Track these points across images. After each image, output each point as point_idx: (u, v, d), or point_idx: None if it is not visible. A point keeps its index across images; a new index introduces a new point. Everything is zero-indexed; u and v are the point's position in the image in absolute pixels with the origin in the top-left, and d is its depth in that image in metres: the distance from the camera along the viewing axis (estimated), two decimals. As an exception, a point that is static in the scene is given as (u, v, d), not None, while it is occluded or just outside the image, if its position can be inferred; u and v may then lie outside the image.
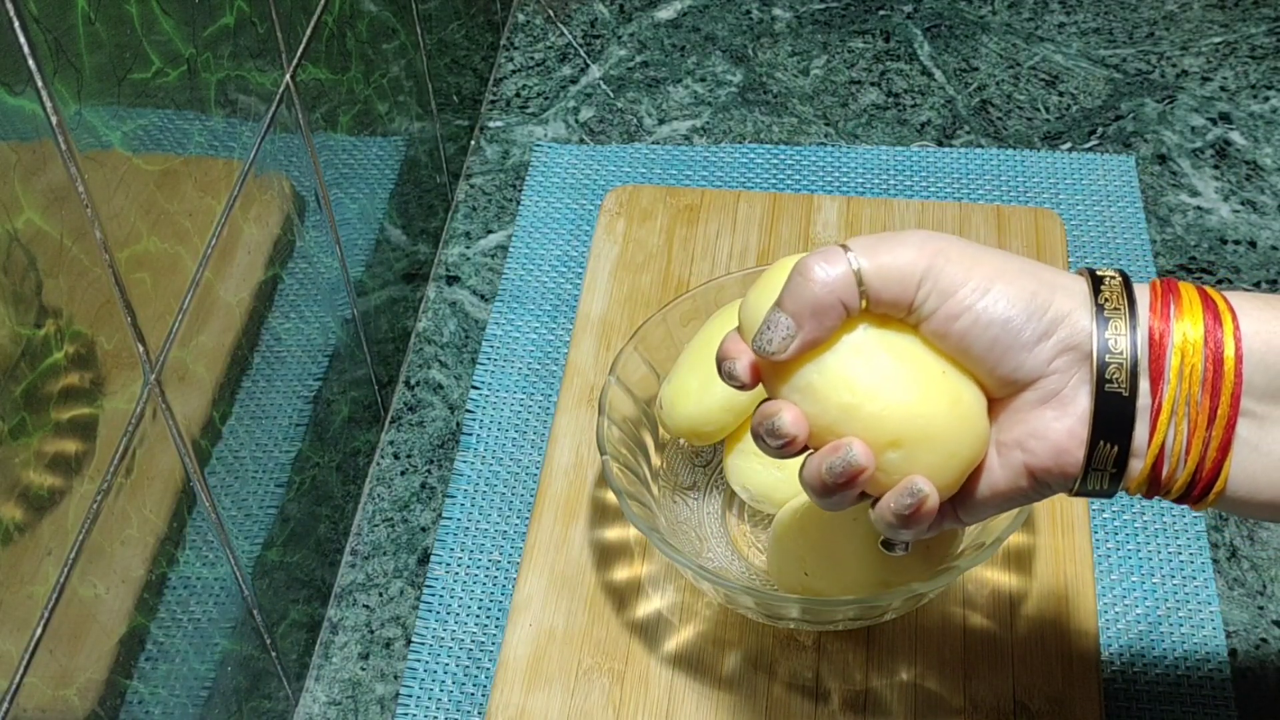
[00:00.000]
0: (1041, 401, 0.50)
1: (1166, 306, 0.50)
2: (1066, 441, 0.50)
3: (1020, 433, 0.51)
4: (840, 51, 1.05)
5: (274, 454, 0.68)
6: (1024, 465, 0.51)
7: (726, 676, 0.71)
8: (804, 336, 0.50)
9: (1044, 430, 0.50)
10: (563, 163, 0.98)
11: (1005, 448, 0.51)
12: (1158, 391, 0.49)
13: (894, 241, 0.50)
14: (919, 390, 0.50)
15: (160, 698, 0.57)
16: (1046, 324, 0.49)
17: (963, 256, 0.50)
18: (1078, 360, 0.49)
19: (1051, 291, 0.50)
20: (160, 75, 0.52)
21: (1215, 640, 0.72)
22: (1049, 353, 0.49)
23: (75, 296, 0.47)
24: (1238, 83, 1.01)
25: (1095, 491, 0.51)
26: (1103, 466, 0.50)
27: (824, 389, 0.51)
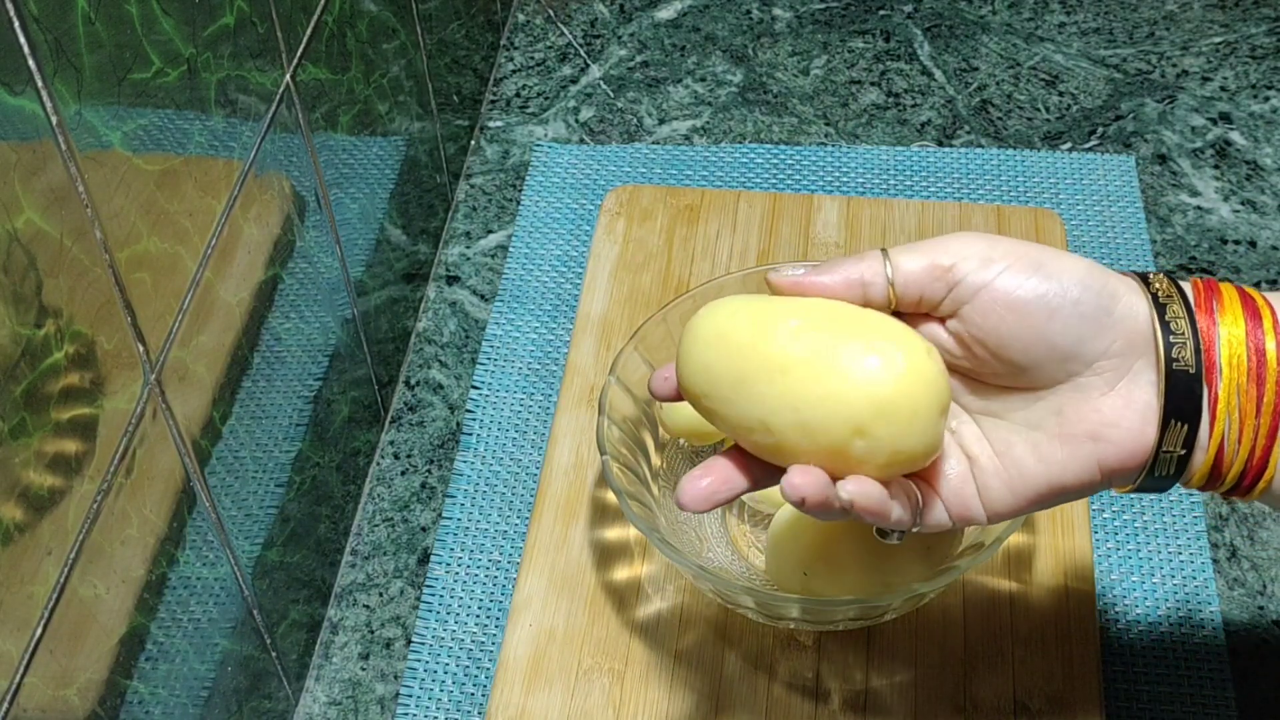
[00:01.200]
0: (1107, 389, 0.50)
1: (1210, 302, 0.50)
2: (1139, 426, 0.50)
3: (1094, 423, 0.50)
4: (840, 51, 1.05)
5: (274, 454, 0.68)
6: (1095, 458, 0.51)
7: (726, 676, 0.71)
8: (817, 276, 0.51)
9: (1116, 419, 0.50)
10: (563, 163, 0.98)
11: (1075, 440, 0.51)
12: (1213, 381, 0.49)
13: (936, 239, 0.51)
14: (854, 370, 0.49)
15: (160, 698, 0.57)
16: (1107, 298, 0.50)
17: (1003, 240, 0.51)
18: (1137, 345, 0.50)
19: (1105, 273, 0.50)
20: (160, 75, 0.52)
21: (1215, 640, 0.72)
22: (1110, 331, 0.50)
23: (75, 296, 0.47)
24: (1238, 83, 1.01)
25: (1159, 480, 0.51)
26: (1172, 449, 0.50)
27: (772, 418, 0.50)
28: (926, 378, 0.50)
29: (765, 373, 0.50)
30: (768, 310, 0.52)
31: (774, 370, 0.50)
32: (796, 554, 0.68)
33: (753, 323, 0.51)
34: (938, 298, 0.51)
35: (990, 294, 0.50)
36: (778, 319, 0.51)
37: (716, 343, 0.52)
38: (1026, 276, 0.50)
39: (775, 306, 0.52)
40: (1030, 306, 0.50)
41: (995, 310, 0.50)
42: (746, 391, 0.51)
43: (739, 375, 0.51)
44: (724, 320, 0.52)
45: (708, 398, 0.52)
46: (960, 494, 0.53)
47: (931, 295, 0.51)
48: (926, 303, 0.52)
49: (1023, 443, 0.52)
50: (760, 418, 0.50)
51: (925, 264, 0.51)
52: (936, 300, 0.51)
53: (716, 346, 0.52)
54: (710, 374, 0.52)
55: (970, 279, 0.50)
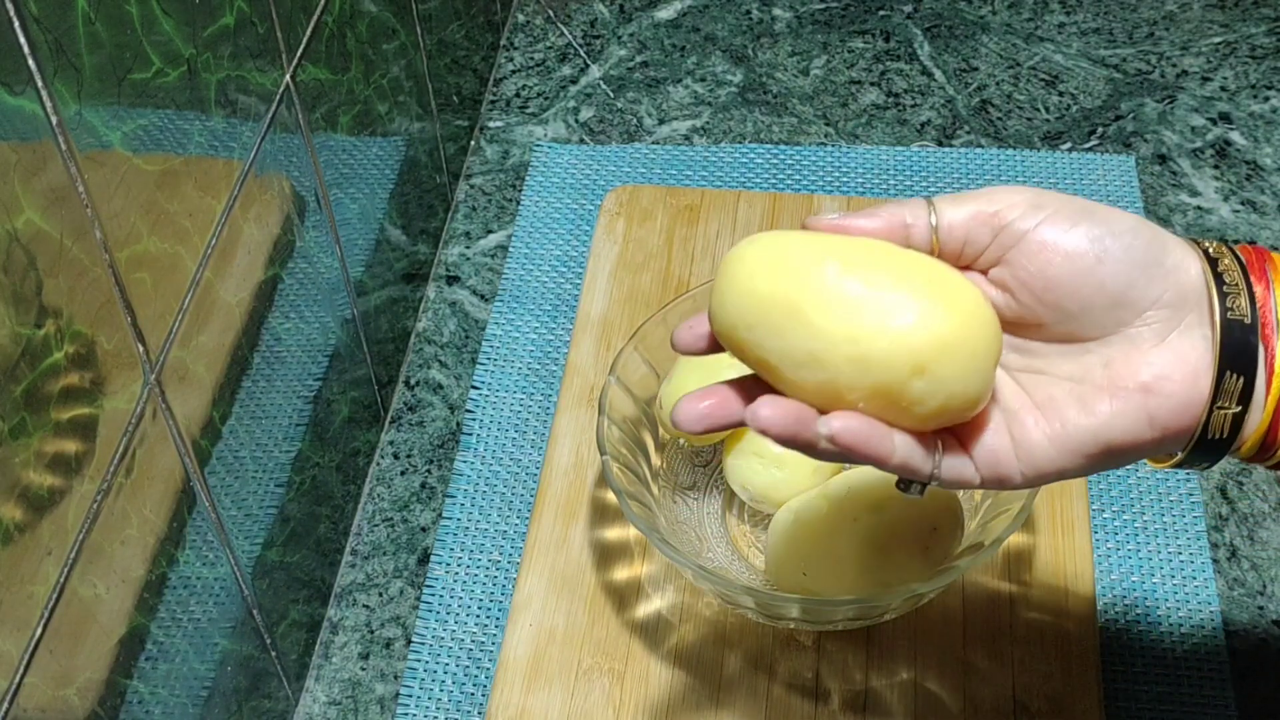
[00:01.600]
0: (1158, 341, 0.49)
1: (1263, 265, 0.49)
2: (1193, 378, 0.48)
3: (1146, 376, 0.48)
4: (840, 51, 1.05)
5: (274, 454, 0.68)
6: (1147, 412, 0.48)
7: (726, 676, 0.71)
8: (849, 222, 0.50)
9: (1169, 369, 0.48)
10: (563, 163, 0.98)
11: (1125, 392, 0.49)
12: (1269, 340, 0.48)
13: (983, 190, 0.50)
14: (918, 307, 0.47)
15: (160, 698, 0.57)
16: (1159, 250, 0.48)
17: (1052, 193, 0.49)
18: (1190, 298, 0.48)
19: (1156, 227, 0.49)
20: (160, 75, 0.52)
21: (1215, 640, 0.72)
22: (1160, 280, 0.48)
23: (75, 296, 0.47)
24: (1238, 83, 1.01)
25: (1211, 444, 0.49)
26: (1227, 405, 0.48)
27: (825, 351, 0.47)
28: (985, 319, 0.48)
29: (822, 303, 0.47)
30: (820, 244, 0.49)
31: (831, 302, 0.47)
32: (795, 555, 0.68)
33: (807, 253, 0.48)
34: (983, 244, 0.50)
35: (1038, 236, 0.48)
36: (832, 253, 0.48)
37: (768, 270, 0.48)
38: (1075, 222, 0.48)
39: (827, 241, 0.49)
40: (1080, 249, 0.48)
41: (1043, 254, 0.48)
42: (801, 321, 0.47)
43: (792, 304, 0.47)
44: (775, 248, 0.49)
45: (752, 329, 0.48)
46: (991, 449, 0.50)
47: (976, 241, 0.50)
48: (970, 249, 0.50)
49: (1066, 395, 0.49)
50: (811, 350, 0.47)
51: (971, 210, 0.50)
52: (981, 247, 0.50)
53: (768, 274, 0.48)
54: (758, 301, 0.48)
55: (1017, 224, 0.49)
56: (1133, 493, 0.78)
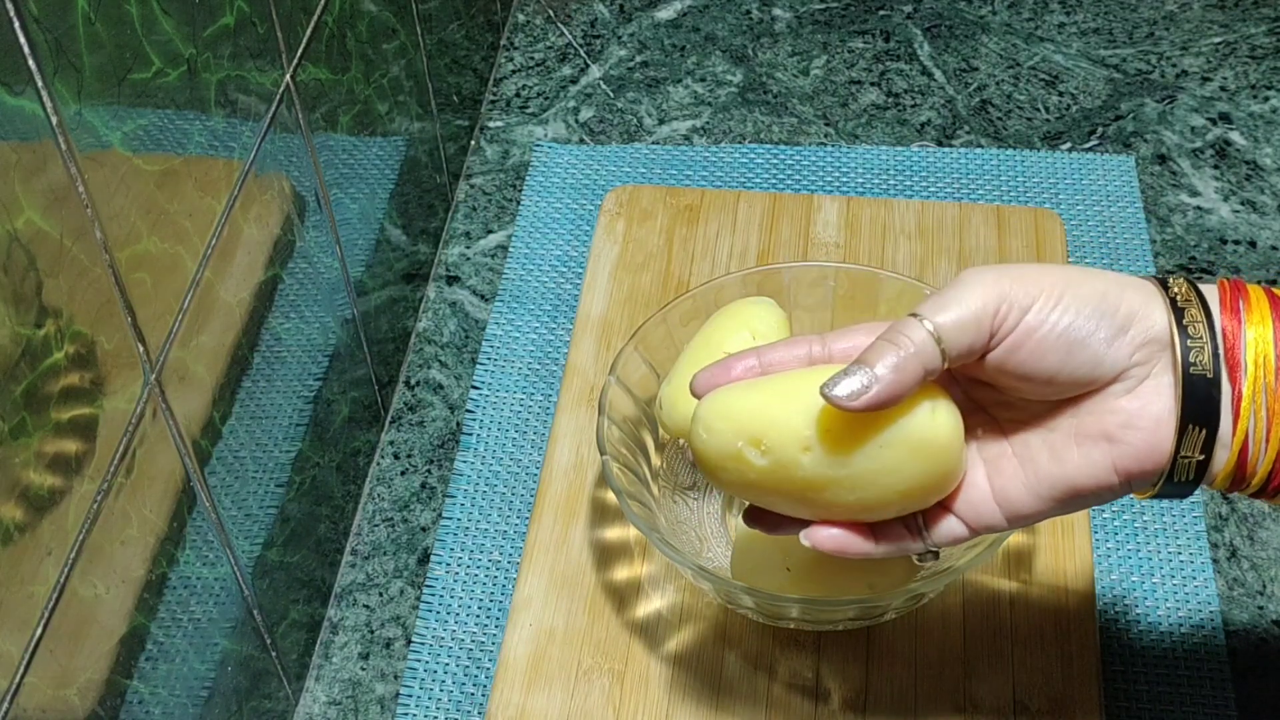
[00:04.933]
0: (1127, 392, 0.51)
1: (1236, 302, 0.51)
2: (1155, 428, 0.50)
3: (1109, 424, 0.51)
4: (840, 51, 1.05)
5: (274, 454, 0.68)
6: (1111, 460, 0.51)
7: (726, 676, 0.71)
8: (881, 390, 0.51)
9: (1133, 419, 0.50)
10: (563, 163, 0.98)
11: (1089, 442, 0.51)
12: (1236, 380, 0.50)
13: (958, 290, 0.51)
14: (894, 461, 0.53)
15: (160, 698, 0.57)
16: (1122, 319, 0.50)
17: (1026, 275, 0.51)
18: (1157, 351, 0.50)
19: (1121, 289, 0.51)
20: (160, 75, 0.52)
21: (1215, 640, 0.72)
22: (1128, 347, 0.50)
23: (75, 296, 0.47)
24: (1238, 83, 1.01)
25: (1179, 485, 0.51)
26: (1190, 454, 0.50)
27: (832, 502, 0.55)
28: (953, 432, 0.53)
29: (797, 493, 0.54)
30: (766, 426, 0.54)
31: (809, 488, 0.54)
32: (780, 548, 0.67)
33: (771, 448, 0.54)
34: (981, 351, 0.52)
35: (1023, 330, 0.51)
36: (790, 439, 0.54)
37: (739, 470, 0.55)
38: (1051, 308, 0.50)
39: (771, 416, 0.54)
40: (1056, 338, 0.50)
41: (1025, 344, 0.51)
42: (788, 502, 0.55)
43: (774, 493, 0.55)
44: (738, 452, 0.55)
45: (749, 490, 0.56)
46: (972, 503, 0.54)
47: (977, 350, 0.52)
48: (971, 358, 0.52)
49: (1040, 443, 0.53)
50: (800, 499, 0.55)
51: (972, 331, 0.51)
52: (979, 353, 0.52)
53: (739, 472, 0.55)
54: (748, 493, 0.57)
55: (1006, 323, 0.51)
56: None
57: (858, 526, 0.55)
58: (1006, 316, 0.51)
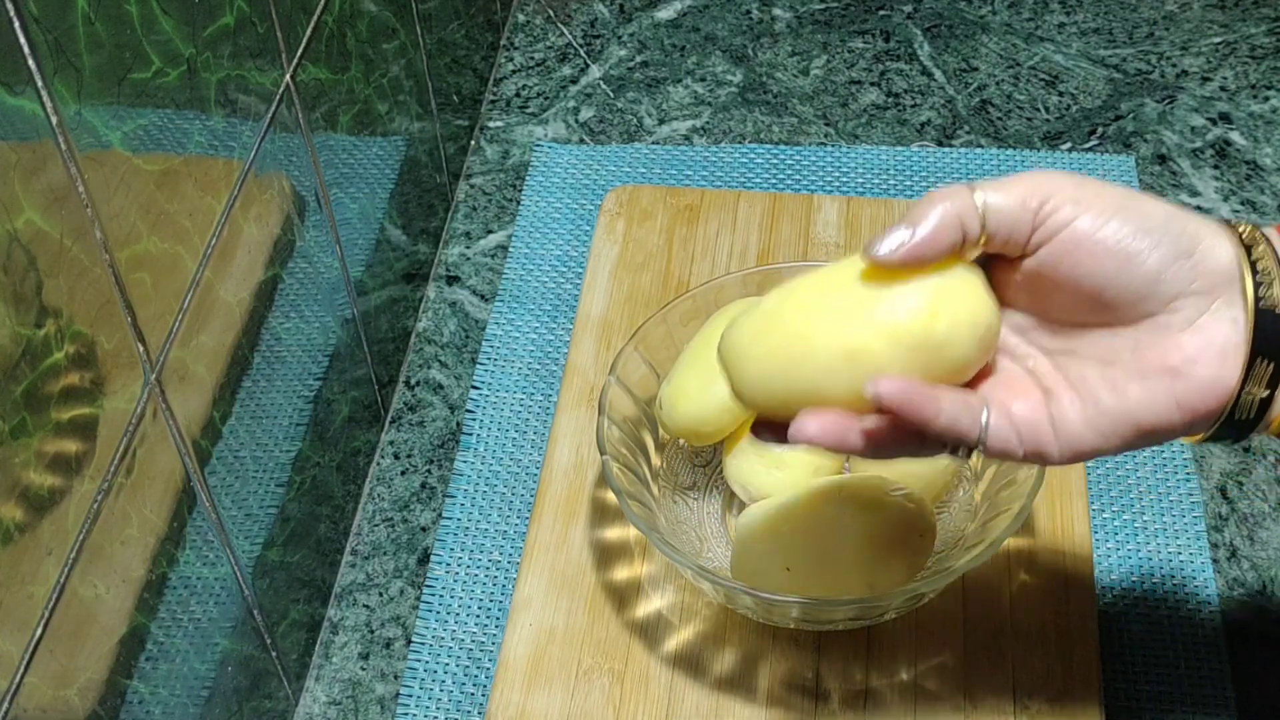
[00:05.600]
0: (1186, 325, 0.50)
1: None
2: (1220, 362, 0.49)
3: (1174, 359, 0.50)
4: (840, 51, 1.05)
5: (274, 454, 0.68)
6: (1174, 396, 0.50)
7: (726, 676, 0.71)
8: (915, 244, 0.50)
9: (1198, 354, 0.49)
10: (563, 163, 0.98)
11: (1152, 376, 0.50)
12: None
13: (1020, 175, 0.51)
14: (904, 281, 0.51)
15: (160, 698, 0.57)
16: (1187, 243, 0.49)
17: (1087, 183, 0.51)
18: (1220, 284, 0.50)
19: (1188, 217, 0.50)
20: (160, 75, 0.52)
21: (1215, 640, 0.72)
22: (1190, 272, 0.49)
23: (75, 296, 0.47)
24: (1238, 83, 1.01)
25: (1238, 425, 0.50)
26: (1255, 390, 0.49)
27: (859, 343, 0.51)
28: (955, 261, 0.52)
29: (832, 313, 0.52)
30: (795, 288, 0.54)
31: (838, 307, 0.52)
32: (780, 548, 0.67)
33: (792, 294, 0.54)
34: (1022, 238, 0.51)
35: (1071, 234, 0.50)
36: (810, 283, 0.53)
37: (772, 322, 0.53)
38: (1107, 219, 0.49)
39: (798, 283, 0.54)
40: (1108, 248, 0.49)
41: (1074, 251, 0.50)
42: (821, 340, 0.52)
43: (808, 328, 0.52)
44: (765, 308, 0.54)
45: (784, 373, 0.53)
46: (1032, 423, 0.52)
47: (1017, 237, 0.51)
48: (1012, 244, 0.51)
49: (1099, 378, 0.51)
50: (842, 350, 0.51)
51: (1017, 205, 0.50)
52: (1022, 240, 0.51)
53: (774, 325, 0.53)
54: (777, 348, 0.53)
55: (1053, 220, 0.50)
56: (1133, 493, 0.78)
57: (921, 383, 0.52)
58: (1056, 211, 0.50)
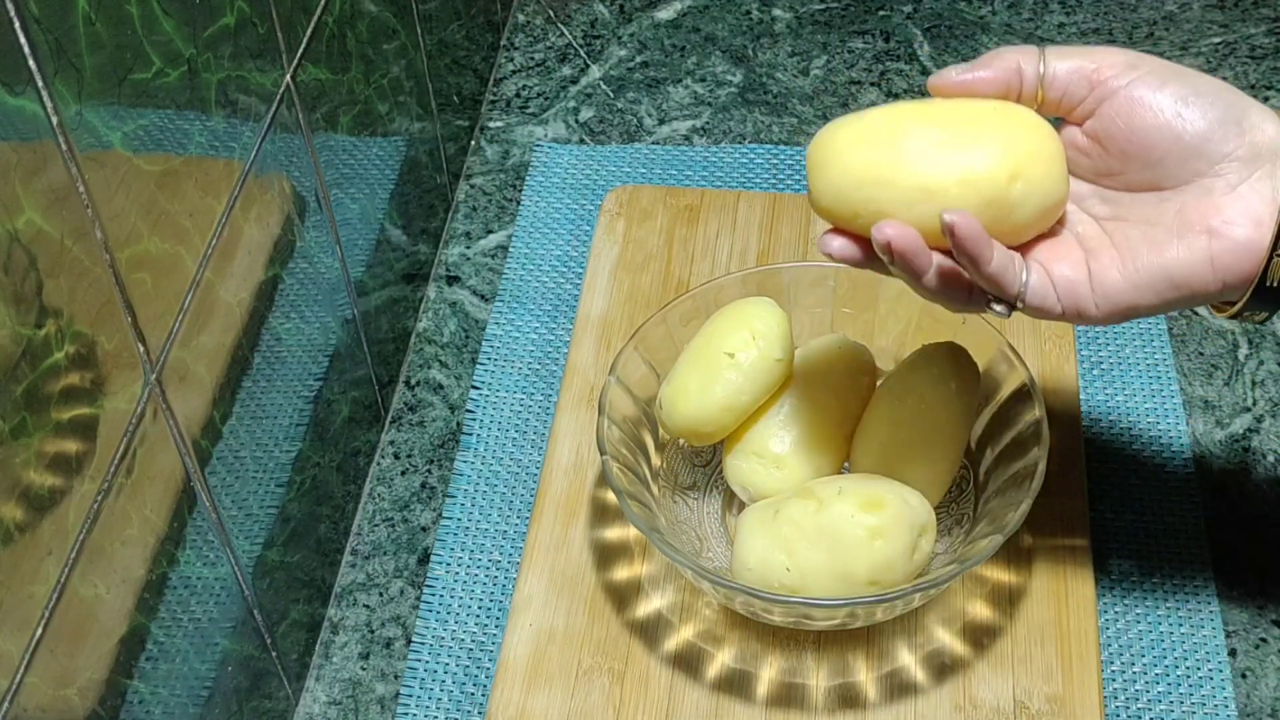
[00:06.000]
0: (1229, 190, 0.54)
1: None
2: (1255, 226, 0.53)
3: (1212, 219, 0.54)
4: (840, 51, 1.05)
5: (274, 454, 0.68)
6: (1209, 254, 0.54)
7: (726, 676, 0.71)
8: (969, 71, 0.57)
9: (1235, 216, 0.53)
10: (563, 163, 0.98)
11: (1191, 232, 0.54)
12: None
13: (1081, 46, 0.58)
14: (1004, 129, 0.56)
15: (161, 697, 0.57)
16: (1238, 111, 0.54)
17: (1146, 55, 0.56)
18: (1263, 156, 0.54)
19: (1238, 93, 0.56)
20: (161, 75, 0.52)
21: (1215, 640, 0.72)
22: (1237, 139, 0.54)
23: (76, 296, 0.47)
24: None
25: (1269, 293, 0.54)
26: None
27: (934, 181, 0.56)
28: (1050, 133, 0.57)
29: (922, 148, 0.56)
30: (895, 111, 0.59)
31: (931, 143, 0.56)
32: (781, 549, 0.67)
33: (891, 118, 0.58)
34: (1079, 97, 0.57)
35: (1128, 93, 0.55)
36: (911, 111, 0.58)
37: (863, 140, 0.57)
38: (1164, 81, 0.55)
39: (898, 108, 0.59)
40: (1164, 105, 0.55)
41: (1131, 108, 0.55)
42: (907, 166, 0.56)
43: (895, 157, 0.56)
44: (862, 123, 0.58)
45: (861, 186, 0.57)
46: (1070, 280, 0.56)
47: (1074, 94, 0.57)
48: (1067, 101, 0.57)
49: (1141, 237, 0.55)
50: (922, 185, 0.56)
51: (1074, 65, 0.56)
52: (1078, 99, 0.57)
53: (864, 142, 0.57)
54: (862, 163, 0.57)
55: (1111, 81, 0.56)
56: (1133, 493, 0.78)
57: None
58: (1116, 75, 0.55)
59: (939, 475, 0.71)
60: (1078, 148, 0.58)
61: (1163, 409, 0.81)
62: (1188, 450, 0.80)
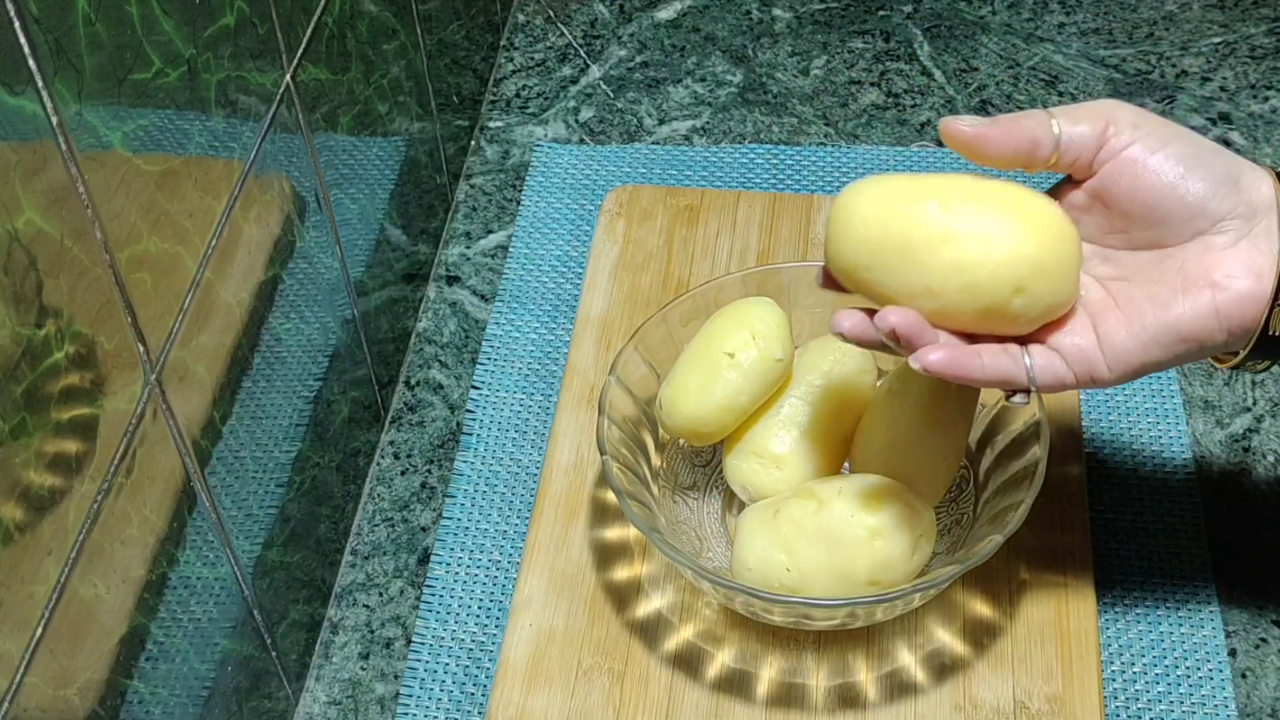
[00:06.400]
0: (1230, 245, 0.56)
1: None
2: (1257, 277, 0.55)
3: (1215, 273, 0.55)
4: (840, 51, 1.05)
5: (274, 454, 0.68)
6: (1214, 305, 0.55)
7: (726, 676, 0.71)
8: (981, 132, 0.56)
9: (1237, 270, 0.55)
10: (563, 163, 0.98)
11: (1195, 289, 0.56)
12: None
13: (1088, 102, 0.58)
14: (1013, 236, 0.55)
15: (160, 698, 0.57)
16: (1236, 170, 0.56)
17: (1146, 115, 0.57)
18: (1261, 211, 0.55)
19: (1231, 154, 0.57)
20: (160, 76, 0.52)
21: (1215, 640, 0.72)
22: (1234, 198, 0.56)
23: (76, 296, 0.47)
24: (1238, 83, 1.01)
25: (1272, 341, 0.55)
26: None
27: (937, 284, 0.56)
28: (1070, 236, 0.57)
29: (928, 243, 0.56)
30: (916, 188, 0.57)
31: (937, 240, 0.56)
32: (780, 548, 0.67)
33: (908, 198, 0.57)
34: (1089, 158, 0.57)
35: (1132, 154, 0.56)
36: (929, 195, 0.57)
37: (876, 218, 0.57)
38: (1165, 142, 0.56)
39: (920, 184, 0.57)
40: (1167, 165, 0.56)
41: (1135, 169, 0.56)
42: (913, 260, 0.56)
43: (903, 246, 0.56)
44: (879, 197, 0.57)
45: (870, 269, 0.57)
46: (1080, 347, 0.57)
47: (1085, 156, 0.57)
48: (1080, 162, 0.58)
49: (1145, 297, 0.57)
50: (925, 284, 0.56)
51: (1088, 128, 0.57)
52: (1088, 160, 0.57)
53: (877, 221, 0.57)
54: (872, 247, 0.57)
55: (1113, 141, 0.56)
56: (1133, 493, 0.78)
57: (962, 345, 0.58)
58: (1119, 134, 0.56)
59: (939, 475, 0.71)
60: (1079, 207, 0.59)
61: (1163, 409, 0.81)
62: (1188, 450, 0.80)
